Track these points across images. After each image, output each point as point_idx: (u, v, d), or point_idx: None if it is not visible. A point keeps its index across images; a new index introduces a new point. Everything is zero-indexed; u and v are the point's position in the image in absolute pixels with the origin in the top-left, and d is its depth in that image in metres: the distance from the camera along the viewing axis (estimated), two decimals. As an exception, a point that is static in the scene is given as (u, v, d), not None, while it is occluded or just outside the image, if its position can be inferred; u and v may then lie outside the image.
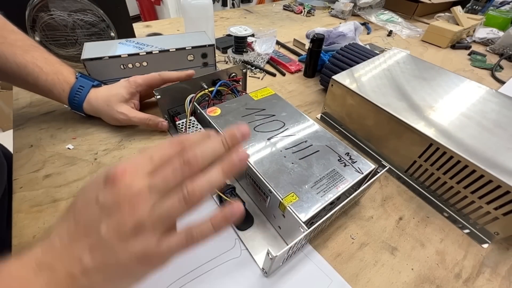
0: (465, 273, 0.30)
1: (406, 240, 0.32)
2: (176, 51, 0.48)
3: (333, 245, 0.31)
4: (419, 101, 0.39)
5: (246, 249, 0.30)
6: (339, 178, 0.29)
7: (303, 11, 1.03)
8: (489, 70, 0.73)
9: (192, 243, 0.21)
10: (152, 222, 0.19)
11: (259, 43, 0.68)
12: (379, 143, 0.41)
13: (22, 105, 0.46)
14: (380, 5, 1.07)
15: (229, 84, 0.43)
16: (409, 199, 0.37)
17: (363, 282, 0.28)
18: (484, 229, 0.33)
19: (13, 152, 0.38)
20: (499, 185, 0.29)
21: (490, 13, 0.97)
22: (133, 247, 0.18)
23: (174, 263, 0.28)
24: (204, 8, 0.60)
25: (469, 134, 0.34)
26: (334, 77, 0.43)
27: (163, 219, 0.19)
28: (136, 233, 0.18)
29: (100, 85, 0.41)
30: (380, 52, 0.52)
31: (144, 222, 0.18)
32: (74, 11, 0.49)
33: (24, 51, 0.37)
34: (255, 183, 0.31)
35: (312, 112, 0.52)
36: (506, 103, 0.39)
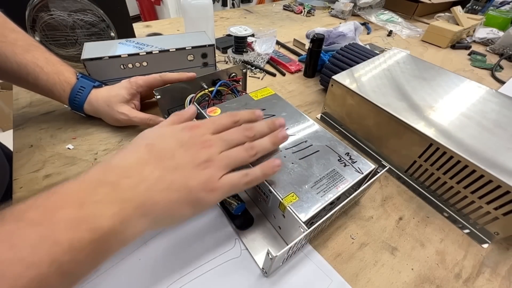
0: (465, 273, 0.30)
1: (406, 240, 0.32)
2: (176, 51, 0.48)
3: (333, 245, 0.31)
4: (419, 101, 0.39)
5: (246, 249, 0.30)
6: (339, 178, 0.29)
7: (303, 11, 1.03)
8: (489, 70, 0.73)
9: (246, 181, 0.25)
10: (219, 160, 0.24)
11: (259, 43, 0.68)
12: (379, 143, 0.41)
13: (22, 105, 0.46)
14: (380, 5, 1.07)
15: (229, 84, 0.43)
16: (409, 199, 0.37)
17: (363, 282, 0.28)
18: (484, 229, 0.33)
19: (13, 152, 0.38)
20: (499, 185, 0.29)
21: (490, 13, 0.97)
22: (202, 175, 0.23)
23: (174, 263, 0.28)
24: (204, 8, 0.60)
25: (469, 134, 0.34)
26: (334, 77, 0.43)
27: (228, 161, 0.24)
28: (206, 165, 0.23)
29: (101, 86, 0.41)
30: (380, 52, 0.52)
31: (213, 159, 0.24)
32: (74, 11, 0.49)
33: (25, 51, 0.37)
34: (255, 183, 0.31)
35: (312, 112, 0.52)
36: (506, 103, 0.39)
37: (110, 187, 0.20)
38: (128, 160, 0.22)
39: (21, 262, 0.16)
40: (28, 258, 0.16)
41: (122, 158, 0.23)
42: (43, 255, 0.16)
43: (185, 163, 0.23)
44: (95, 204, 0.19)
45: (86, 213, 0.19)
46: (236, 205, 0.30)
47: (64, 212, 0.18)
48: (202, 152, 0.23)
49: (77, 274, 0.19)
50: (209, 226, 0.32)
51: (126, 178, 0.21)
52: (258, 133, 0.27)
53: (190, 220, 0.32)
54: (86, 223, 0.18)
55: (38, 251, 0.16)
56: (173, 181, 0.22)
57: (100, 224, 0.19)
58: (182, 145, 0.24)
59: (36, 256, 0.16)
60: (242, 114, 0.28)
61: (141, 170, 0.22)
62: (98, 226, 0.19)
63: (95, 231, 0.19)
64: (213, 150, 0.24)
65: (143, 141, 0.24)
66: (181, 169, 0.22)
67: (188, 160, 0.23)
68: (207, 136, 0.25)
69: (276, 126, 0.29)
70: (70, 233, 0.18)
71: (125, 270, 0.27)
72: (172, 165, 0.22)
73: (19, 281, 0.16)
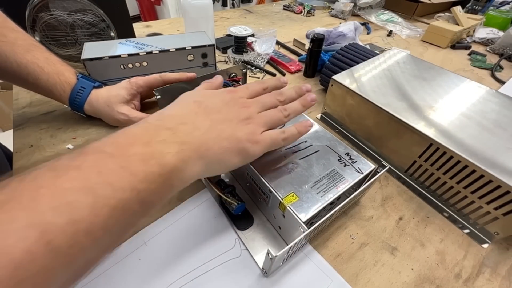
0: (465, 273, 0.30)
1: (406, 240, 0.32)
2: (176, 51, 0.48)
3: (333, 245, 0.31)
4: (419, 101, 0.39)
5: (246, 249, 0.30)
6: (339, 178, 0.29)
7: (303, 11, 1.03)
8: (489, 70, 0.73)
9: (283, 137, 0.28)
10: (259, 118, 0.27)
11: (259, 43, 0.68)
12: (379, 143, 0.41)
13: (22, 105, 0.46)
14: (380, 5, 1.07)
15: (229, 84, 0.43)
16: (409, 199, 0.37)
17: (363, 282, 0.28)
18: (484, 229, 0.33)
19: (13, 152, 0.38)
20: (499, 185, 0.29)
21: (490, 13, 0.97)
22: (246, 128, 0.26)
23: (174, 263, 0.28)
24: (204, 8, 0.60)
25: (469, 134, 0.34)
26: (334, 77, 0.43)
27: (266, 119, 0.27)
28: (248, 121, 0.26)
29: (101, 86, 0.41)
30: (380, 52, 0.52)
31: (253, 116, 0.27)
32: (74, 11, 0.49)
33: (25, 50, 0.36)
34: (255, 183, 0.31)
35: (312, 112, 0.52)
36: (506, 103, 0.39)
37: (170, 131, 0.23)
38: (181, 111, 0.25)
39: (110, 185, 0.18)
40: (114, 183, 0.18)
41: (175, 110, 0.25)
42: (125, 182, 0.19)
43: (231, 117, 0.26)
44: (160, 144, 0.22)
45: (153, 150, 0.21)
46: (236, 205, 0.30)
47: (135, 148, 0.20)
48: (243, 110, 0.27)
49: (151, 203, 0.21)
50: (209, 226, 0.32)
51: (182, 124, 0.24)
52: (288, 98, 0.31)
53: (190, 220, 0.32)
54: (154, 158, 0.21)
55: (121, 178, 0.19)
56: (223, 130, 0.25)
57: (166, 160, 0.21)
58: (226, 103, 0.27)
59: (120, 182, 0.18)
60: (269, 81, 0.32)
61: (194, 119, 0.24)
62: (164, 162, 0.21)
63: (163, 166, 0.21)
64: (252, 109, 0.27)
65: (190, 98, 0.27)
66: (228, 121, 0.25)
67: (233, 115, 0.26)
68: (245, 99, 0.28)
69: (303, 91, 0.32)
70: (143, 166, 0.20)
71: (125, 270, 0.27)
72: (220, 118, 0.25)
73: (110, 202, 0.18)
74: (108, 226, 0.18)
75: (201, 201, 0.34)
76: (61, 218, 0.16)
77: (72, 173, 0.17)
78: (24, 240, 0.14)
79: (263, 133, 0.27)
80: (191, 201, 0.34)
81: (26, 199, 0.15)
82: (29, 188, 0.16)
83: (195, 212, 0.33)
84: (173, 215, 0.32)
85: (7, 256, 0.14)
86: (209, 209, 0.33)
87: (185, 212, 0.33)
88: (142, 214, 0.20)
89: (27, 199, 0.15)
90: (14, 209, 0.15)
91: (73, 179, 0.17)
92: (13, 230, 0.14)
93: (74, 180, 0.17)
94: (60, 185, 0.17)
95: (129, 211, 0.19)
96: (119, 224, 0.19)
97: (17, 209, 0.15)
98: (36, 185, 0.16)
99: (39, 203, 0.15)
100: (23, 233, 0.14)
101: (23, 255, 0.14)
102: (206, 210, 0.33)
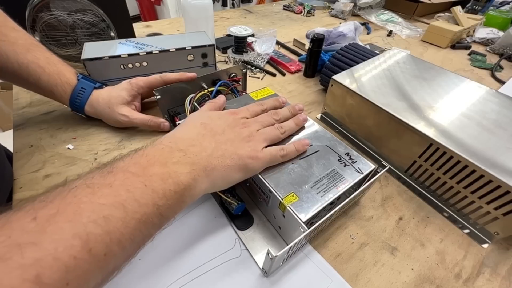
0: (465, 273, 0.30)
1: (406, 240, 0.32)
2: (176, 51, 0.48)
3: (333, 245, 0.31)
4: (419, 101, 0.39)
5: (246, 249, 0.30)
6: (339, 178, 0.29)
7: (303, 11, 1.03)
8: (489, 70, 0.73)
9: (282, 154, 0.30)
10: (258, 135, 0.30)
11: (259, 43, 0.68)
12: (379, 143, 0.41)
13: (22, 105, 0.46)
14: (380, 5, 1.07)
15: (229, 84, 0.43)
16: (409, 199, 0.37)
17: (363, 282, 0.28)
18: (484, 229, 0.33)
19: (13, 152, 0.38)
20: (499, 185, 0.29)
21: (490, 13, 0.97)
22: (247, 146, 0.29)
23: (174, 263, 0.28)
24: (204, 8, 0.60)
25: (469, 134, 0.34)
26: (334, 77, 0.43)
27: (265, 136, 0.30)
28: (249, 139, 0.29)
29: (101, 87, 0.41)
30: (380, 52, 0.52)
31: (253, 134, 0.30)
32: (74, 11, 0.49)
33: (26, 50, 0.36)
34: (255, 183, 0.31)
35: (312, 112, 0.52)
36: (506, 103, 0.39)
37: (182, 152, 0.25)
38: (190, 134, 0.28)
39: (136, 201, 0.21)
40: (140, 199, 0.21)
41: (185, 132, 0.28)
42: (148, 198, 0.21)
43: (233, 137, 0.29)
44: (175, 164, 0.24)
45: (169, 170, 0.24)
46: (236, 205, 0.30)
47: (154, 168, 0.23)
48: (244, 130, 0.30)
49: (167, 217, 0.24)
50: (209, 226, 0.32)
51: (192, 146, 0.26)
52: (283, 117, 0.34)
53: (190, 220, 0.32)
54: (171, 177, 0.23)
55: (145, 195, 0.21)
56: (226, 150, 0.27)
57: (181, 179, 0.24)
58: (228, 125, 0.30)
59: (144, 199, 0.21)
60: (268, 102, 0.36)
61: (201, 141, 0.27)
62: (179, 181, 0.24)
63: (178, 184, 0.24)
64: (252, 128, 0.30)
65: (197, 121, 0.30)
66: (231, 141, 0.28)
67: (235, 135, 0.29)
68: (245, 119, 0.32)
69: (296, 110, 0.36)
70: (162, 184, 0.23)
71: (125, 270, 0.27)
72: (223, 139, 0.28)
73: (136, 215, 0.20)
74: (133, 237, 0.20)
75: (201, 201, 0.34)
76: (100, 229, 0.18)
77: (105, 191, 0.20)
78: (71, 248, 0.17)
79: (263, 149, 0.29)
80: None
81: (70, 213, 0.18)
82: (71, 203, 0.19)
83: (195, 212, 0.33)
84: (173, 215, 0.32)
85: (60, 261, 0.16)
86: (209, 209, 0.33)
87: (185, 212, 0.33)
88: (159, 227, 0.23)
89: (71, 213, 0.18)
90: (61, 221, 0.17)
91: (106, 195, 0.20)
92: (62, 239, 0.17)
93: (107, 196, 0.20)
94: (96, 201, 0.19)
95: (150, 223, 0.22)
96: (141, 235, 0.21)
97: (64, 221, 0.17)
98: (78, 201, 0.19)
99: (81, 217, 0.18)
100: (70, 242, 0.17)
101: (71, 260, 0.16)
102: (206, 210, 0.33)
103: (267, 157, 0.29)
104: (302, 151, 0.32)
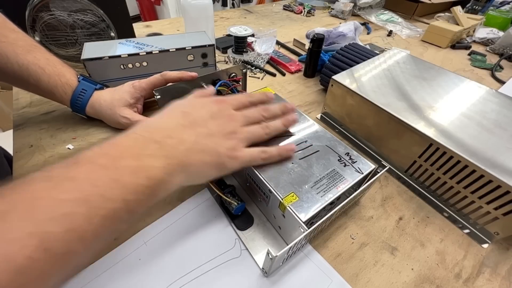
0: (465, 273, 0.30)
1: (406, 240, 0.32)
2: (176, 51, 0.48)
3: (333, 245, 0.31)
4: (419, 101, 0.39)
5: (246, 249, 0.30)
6: (339, 178, 0.29)
7: (303, 11, 1.03)
8: (489, 70, 0.73)
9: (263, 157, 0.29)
10: (241, 133, 0.28)
11: (259, 43, 0.68)
12: (379, 143, 0.41)
13: (22, 105, 0.46)
14: (380, 5, 1.07)
15: (229, 84, 0.43)
16: (409, 199, 0.37)
17: (363, 282, 0.28)
18: (484, 229, 0.33)
19: (13, 152, 0.38)
20: (499, 185, 0.29)
21: (490, 13, 0.97)
22: (228, 143, 0.27)
23: (174, 263, 0.28)
24: (204, 8, 0.60)
25: (469, 134, 0.34)
26: (334, 77, 0.43)
27: (248, 135, 0.28)
28: (232, 136, 0.27)
29: (102, 88, 0.41)
30: (380, 52, 0.52)
31: (237, 131, 0.28)
32: (74, 11, 0.49)
33: (26, 51, 0.36)
34: (255, 183, 0.31)
35: (312, 112, 0.52)
36: (506, 103, 0.39)
37: (158, 144, 0.24)
38: (169, 123, 0.26)
39: (102, 196, 0.19)
40: (106, 195, 0.20)
41: (163, 121, 0.26)
42: (117, 193, 0.20)
43: (216, 132, 0.27)
44: (149, 158, 0.23)
45: (142, 164, 0.22)
46: (236, 205, 0.30)
47: (125, 161, 0.22)
48: (228, 124, 0.28)
49: (138, 212, 0.22)
50: (209, 226, 0.32)
51: (169, 138, 0.25)
52: (272, 114, 0.32)
53: (190, 220, 0.32)
54: (143, 171, 0.22)
55: (113, 190, 0.20)
56: (206, 145, 0.26)
57: (154, 174, 0.22)
58: (212, 116, 0.28)
59: (111, 193, 0.20)
60: (257, 95, 0.33)
61: (180, 133, 0.25)
62: (152, 175, 0.22)
63: (151, 179, 0.22)
64: (237, 123, 0.28)
65: (178, 109, 0.28)
66: (212, 136, 0.27)
67: (218, 129, 0.27)
68: (232, 111, 0.29)
69: (287, 109, 0.34)
70: (134, 179, 0.21)
71: (125, 270, 0.27)
72: (205, 132, 0.26)
73: (102, 212, 0.19)
74: (98, 234, 0.19)
75: (201, 201, 0.34)
76: (58, 228, 0.17)
77: (67, 184, 0.19)
78: (25, 248, 0.16)
79: (244, 149, 0.28)
80: (191, 201, 0.34)
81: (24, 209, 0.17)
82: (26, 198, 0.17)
83: (195, 212, 0.33)
84: (173, 215, 0.32)
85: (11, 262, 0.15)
86: (209, 209, 0.33)
87: (185, 212, 0.33)
88: (128, 222, 0.22)
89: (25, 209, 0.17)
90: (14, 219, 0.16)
91: (68, 190, 0.18)
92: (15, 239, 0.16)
93: (69, 191, 0.18)
94: (56, 196, 0.18)
95: (118, 219, 0.20)
96: (108, 231, 0.20)
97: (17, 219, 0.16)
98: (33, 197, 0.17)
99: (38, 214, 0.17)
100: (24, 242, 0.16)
101: (25, 261, 0.15)
102: (206, 210, 0.33)
103: (247, 158, 0.28)
104: (286, 156, 0.30)
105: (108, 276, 0.27)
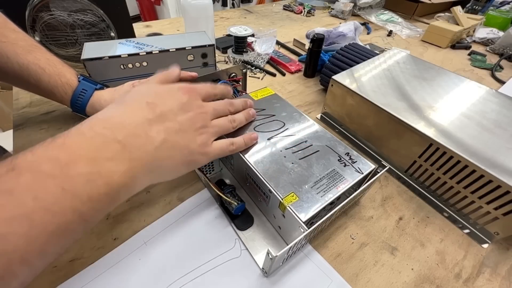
0: (465, 273, 0.30)
1: (406, 240, 0.32)
2: (176, 51, 0.48)
3: (333, 245, 0.31)
4: (419, 101, 0.39)
5: (246, 249, 0.30)
6: (339, 178, 0.29)
7: (303, 11, 1.03)
8: (489, 70, 0.73)
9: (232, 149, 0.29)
10: (212, 127, 0.27)
11: (259, 43, 0.68)
12: (379, 143, 0.41)
13: (22, 105, 0.46)
14: (380, 5, 1.07)
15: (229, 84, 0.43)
16: (409, 199, 0.37)
17: (363, 282, 0.28)
18: (484, 229, 0.33)
19: (13, 152, 0.38)
20: (499, 185, 0.29)
21: (490, 13, 0.97)
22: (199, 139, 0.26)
23: (174, 263, 0.28)
24: (204, 8, 0.60)
25: (469, 134, 0.34)
26: (334, 77, 0.43)
27: (217, 128, 0.28)
28: (202, 131, 0.26)
29: (102, 88, 0.41)
30: (380, 52, 0.52)
31: (207, 125, 0.27)
32: (74, 11, 0.49)
33: (27, 51, 0.36)
34: (255, 183, 0.31)
35: (312, 112, 0.52)
36: (506, 103, 0.39)
37: (120, 145, 0.21)
38: (133, 118, 0.23)
39: (47, 211, 0.17)
40: (53, 208, 0.17)
41: (126, 116, 0.23)
42: (67, 205, 0.17)
43: (187, 127, 0.25)
44: (109, 161, 0.20)
45: (100, 169, 0.19)
46: (236, 205, 0.30)
47: (78, 167, 0.18)
48: (199, 117, 0.26)
49: (94, 219, 0.20)
50: (209, 226, 0.32)
51: (134, 137, 0.22)
52: (237, 109, 0.33)
53: (190, 220, 0.32)
54: (101, 178, 0.19)
55: (61, 202, 0.17)
56: (177, 143, 0.24)
57: (115, 179, 0.20)
58: (182, 107, 0.25)
59: (60, 206, 0.17)
60: (220, 87, 0.32)
61: (147, 129, 0.23)
62: (112, 181, 0.20)
63: (110, 185, 0.20)
64: (207, 116, 0.27)
65: (142, 98, 0.25)
66: (183, 132, 0.25)
67: (189, 124, 0.25)
68: (201, 103, 0.28)
69: (248, 105, 0.35)
70: (88, 187, 0.19)
71: (125, 270, 0.27)
72: (175, 128, 0.24)
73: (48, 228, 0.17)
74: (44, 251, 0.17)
75: (201, 201, 0.34)
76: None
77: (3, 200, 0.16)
78: None
79: (214, 143, 0.28)
80: (191, 201, 0.34)
81: None
82: None
83: (195, 212, 0.33)
84: (173, 215, 0.32)
85: None
86: (209, 209, 0.33)
87: (185, 212, 0.33)
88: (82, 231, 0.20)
89: None
90: None
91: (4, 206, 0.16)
92: None
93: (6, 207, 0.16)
94: None
95: (69, 231, 0.18)
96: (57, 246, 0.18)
97: None
98: None
99: None
100: None
101: None
102: (206, 210, 0.33)
103: (217, 151, 0.27)
104: (250, 144, 0.31)
105: (108, 276, 0.27)
